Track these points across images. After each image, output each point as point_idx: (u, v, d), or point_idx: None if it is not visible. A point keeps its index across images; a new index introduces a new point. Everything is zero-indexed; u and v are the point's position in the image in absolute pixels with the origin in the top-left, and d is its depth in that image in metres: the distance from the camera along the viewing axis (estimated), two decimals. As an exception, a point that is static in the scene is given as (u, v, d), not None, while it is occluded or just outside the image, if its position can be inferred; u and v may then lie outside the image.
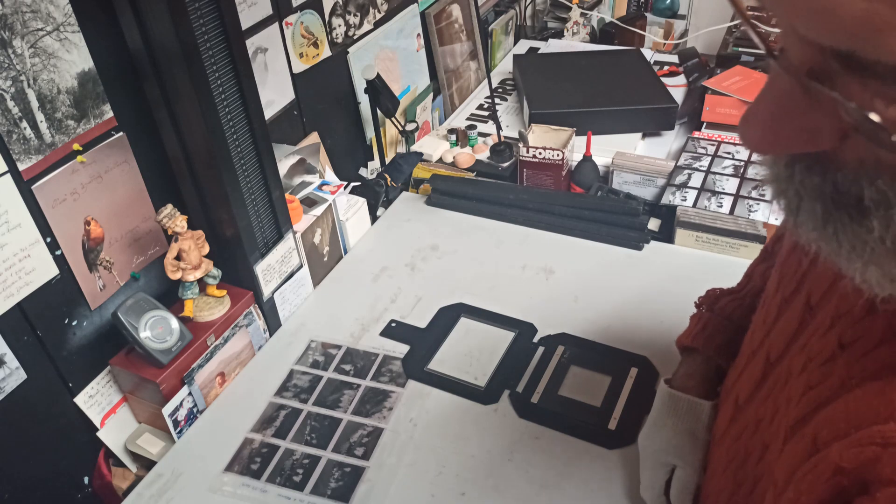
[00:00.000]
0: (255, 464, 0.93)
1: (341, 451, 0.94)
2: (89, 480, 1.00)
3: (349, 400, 1.01)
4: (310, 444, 0.95)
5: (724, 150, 1.40)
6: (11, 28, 0.79)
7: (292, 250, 1.14)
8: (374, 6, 1.48)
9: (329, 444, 0.95)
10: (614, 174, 1.40)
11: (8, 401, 0.86)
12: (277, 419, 0.99)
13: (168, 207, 0.95)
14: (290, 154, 1.21)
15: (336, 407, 1.01)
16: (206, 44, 0.90)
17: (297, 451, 0.95)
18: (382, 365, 1.06)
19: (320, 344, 1.11)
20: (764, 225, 1.19)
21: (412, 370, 1.05)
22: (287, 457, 0.94)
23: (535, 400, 0.98)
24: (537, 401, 0.98)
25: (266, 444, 0.96)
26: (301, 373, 1.06)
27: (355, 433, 0.96)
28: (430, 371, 1.05)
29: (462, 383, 1.03)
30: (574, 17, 2.12)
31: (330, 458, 0.93)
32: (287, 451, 0.95)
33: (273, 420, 0.99)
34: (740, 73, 1.64)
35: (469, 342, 1.09)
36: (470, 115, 1.74)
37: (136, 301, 0.95)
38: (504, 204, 1.35)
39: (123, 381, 0.99)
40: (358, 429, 0.97)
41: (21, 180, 0.83)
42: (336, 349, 1.10)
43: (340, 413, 1.00)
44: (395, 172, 1.47)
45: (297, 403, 1.01)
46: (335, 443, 0.95)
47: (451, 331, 1.12)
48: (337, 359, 1.08)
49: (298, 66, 1.29)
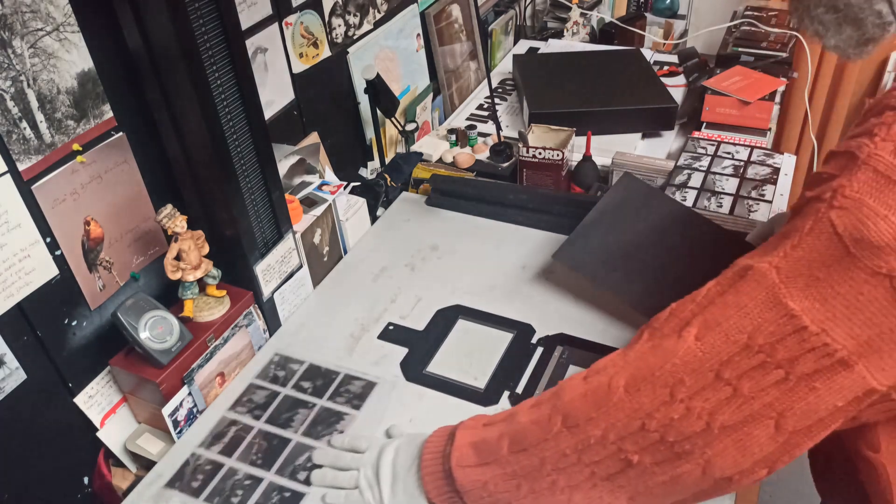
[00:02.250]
0: (197, 481, 0.91)
1: (285, 473, 0.90)
2: (89, 480, 1.00)
3: (301, 420, 0.97)
4: (254, 465, 0.92)
5: (723, 150, 1.40)
6: (11, 28, 0.79)
7: (292, 250, 1.14)
8: (374, 6, 1.48)
9: (273, 466, 0.92)
10: (614, 174, 1.40)
11: (8, 401, 0.86)
12: (227, 435, 0.96)
13: (168, 207, 0.95)
14: (290, 154, 1.21)
15: (288, 426, 0.97)
16: (206, 44, 0.90)
17: (240, 470, 0.92)
18: (342, 385, 1.02)
19: (283, 357, 1.08)
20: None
21: (411, 373, 1.05)
22: (229, 476, 0.91)
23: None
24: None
25: (211, 460, 0.93)
26: (259, 387, 1.04)
27: (302, 455, 0.93)
28: (428, 374, 1.05)
29: (461, 385, 1.02)
30: (574, 17, 2.12)
31: (272, 480, 0.90)
32: (230, 469, 0.92)
33: (223, 436, 0.97)
34: (740, 73, 1.64)
35: (467, 344, 1.09)
36: (470, 115, 1.74)
37: (135, 301, 0.95)
38: (504, 204, 1.35)
39: (123, 381, 0.99)
40: (305, 451, 0.93)
41: (21, 180, 0.83)
42: (298, 364, 1.07)
43: (290, 433, 0.96)
44: (394, 172, 1.47)
45: (250, 419, 0.98)
46: (280, 465, 0.92)
47: (448, 333, 1.11)
48: (297, 375, 1.05)
49: (298, 66, 1.29)
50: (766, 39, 1.84)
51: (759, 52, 1.78)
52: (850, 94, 2.57)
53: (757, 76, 1.63)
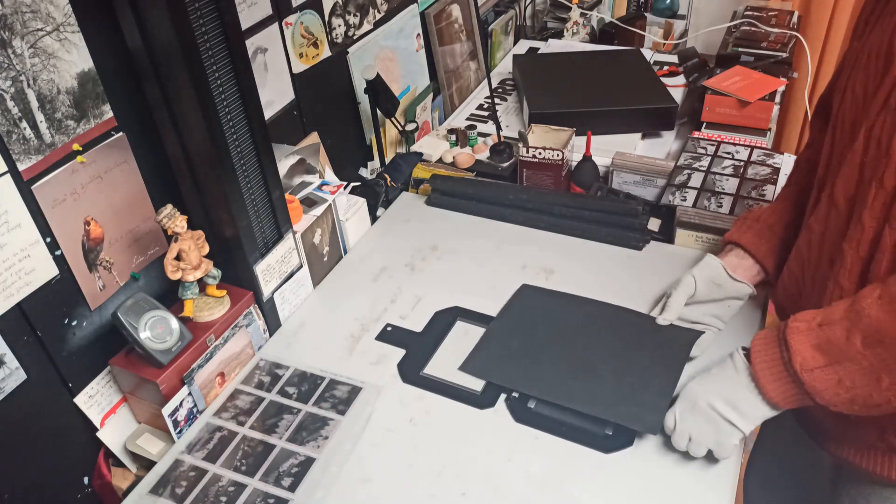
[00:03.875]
0: (181, 488, 0.90)
1: (269, 480, 0.90)
2: (89, 480, 1.00)
3: (286, 426, 0.97)
4: (238, 471, 0.92)
5: (723, 150, 1.40)
6: (11, 28, 0.79)
7: (292, 250, 1.14)
8: (374, 6, 1.48)
9: (258, 472, 0.91)
10: (614, 174, 1.40)
11: (8, 401, 0.86)
12: (211, 441, 0.96)
13: (168, 207, 0.95)
14: (290, 154, 1.21)
15: (272, 432, 0.96)
16: (206, 44, 0.90)
17: (224, 477, 0.91)
18: (327, 390, 1.02)
19: (268, 363, 1.08)
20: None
21: (408, 375, 1.05)
22: (213, 483, 0.90)
23: (532, 405, 0.98)
24: (534, 406, 0.98)
25: (195, 467, 0.93)
26: (244, 392, 1.03)
27: (286, 462, 0.92)
28: (425, 375, 1.04)
29: (458, 388, 1.02)
30: (574, 17, 2.12)
31: (256, 486, 0.89)
32: (214, 476, 0.91)
33: (207, 442, 0.96)
34: (740, 73, 1.64)
35: (465, 346, 1.09)
36: (470, 115, 1.74)
37: (136, 301, 0.95)
38: (504, 204, 1.35)
39: (123, 381, 0.99)
40: (290, 457, 0.93)
41: (21, 180, 0.83)
42: (284, 369, 1.06)
43: (275, 439, 0.95)
44: (394, 172, 1.47)
45: (234, 426, 0.98)
46: (264, 471, 0.91)
47: (447, 335, 1.11)
48: (283, 380, 1.04)
49: (298, 66, 1.29)
50: (766, 39, 1.84)
51: (759, 52, 1.78)
52: (850, 94, 2.56)
53: (757, 76, 1.63)
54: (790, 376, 0.79)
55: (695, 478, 0.87)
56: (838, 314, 0.77)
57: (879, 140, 0.76)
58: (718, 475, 0.87)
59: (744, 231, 1.06)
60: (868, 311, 0.74)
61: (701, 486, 0.86)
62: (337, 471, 0.91)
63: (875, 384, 0.74)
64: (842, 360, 0.76)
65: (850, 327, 0.75)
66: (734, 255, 1.06)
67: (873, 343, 0.73)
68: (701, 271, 1.03)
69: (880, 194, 0.76)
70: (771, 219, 1.05)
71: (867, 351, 0.74)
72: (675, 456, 0.89)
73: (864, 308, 0.74)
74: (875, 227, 0.78)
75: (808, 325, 0.79)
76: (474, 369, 1.03)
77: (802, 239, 0.92)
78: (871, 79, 0.79)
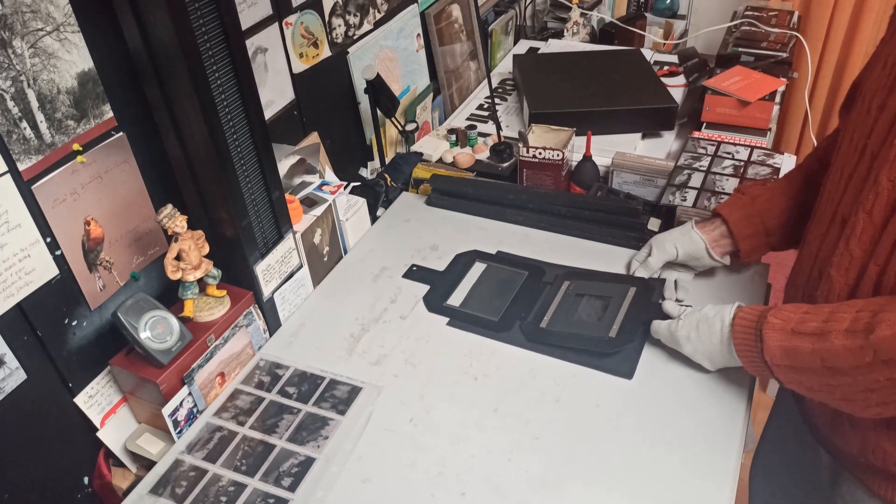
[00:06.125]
0: (181, 488, 0.90)
1: (269, 480, 0.90)
2: (89, 480, 1.00)
3: (287, 425, 0.97)
4: (238, 471, 0.92)
5: (724, 150, 1.40)
6: (11, 28, 0.79)
7: (292, 250, 1.14)
8: (374, 6, 1.48)
9: (258, 472, 0.91)
10: (614, 174, 1.40)
11: (8, 401, 0.86)
12: (211, 441, 0.96)
13: (168, 207, 0.95)
14: (290, 154, 1.21)
15: (272, 432, 0.96)
16: (206, 44, 0.90)
17: (224, 477, 0.91)
18: (327, 390, 1.02)
19: (268, 363, 1.08)
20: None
21: (433, 305, 1.16)
22: (213, 483, 0.90)
23: (545, 325, 1.09)
24: (546, 325, 1.08)
25: (195, 467, 0.93)
26: (244, 392, 1.03)
27: (286, 461, 0.92)
28: (448, 306, 1.15)
29: (477, 316, 1.12)
30: (574, 18, 2.12)
31: (256, 486, 0.89)
32: (214, 476, 0.91)
33: (207, 442, 0.96)
34: (740, 73, 1.64)
35: (484, 282, 1.19)
36: (470, 115, 1.74)
37: (136, 301, 0.95)
38: (504, 204, 1.35)
39: (123, 381, 0.99)
40: (290, 457, 0.93)
41: (21, 180, 0.83)
42: (284, 369, 1.06)
43: (275, 439, 0.95)
44: (394, 172, 1.47)
45: (234, 426, 0.98)
46: (264, 471, 0.91)
47: (467, 273, 1.21)
48: (283, 380, 1.04)
49: (298, 66, 1.29)
50: (766, 39, 1.84)
51: (759, 52, 1.78)
52: (850, 94, 2.56)
53: (757, 76, 1.63)
54: (762, 362, 0.86)
55: (695, 475, 0.87)
56: (811, 327, 0.80)
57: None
58: (719, 473, 0.87)
59: (735, 209, 1.09)
60: (834, 339, 0.77)
61: (701, 483, 0.86)
62: (337, 471, 0.91)
63: (829, 396, 0.81)
64: (804, 369, 0.81)
65: (814, 348, 0.78)
66: (719, 233, 1.10)
67: (831, 368, 0.77)
68: (684, 245, 1.11)
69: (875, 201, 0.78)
70: (767, 203, 1.07)
71: (825, 371, 0.78)
72: (676, 454, 0.90)
73: (832, 334, 0.77)
74: (872, 229, 0.79)
75: (784, 325, 0.83)
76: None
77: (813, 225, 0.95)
78: (881, 89, 0.80)
